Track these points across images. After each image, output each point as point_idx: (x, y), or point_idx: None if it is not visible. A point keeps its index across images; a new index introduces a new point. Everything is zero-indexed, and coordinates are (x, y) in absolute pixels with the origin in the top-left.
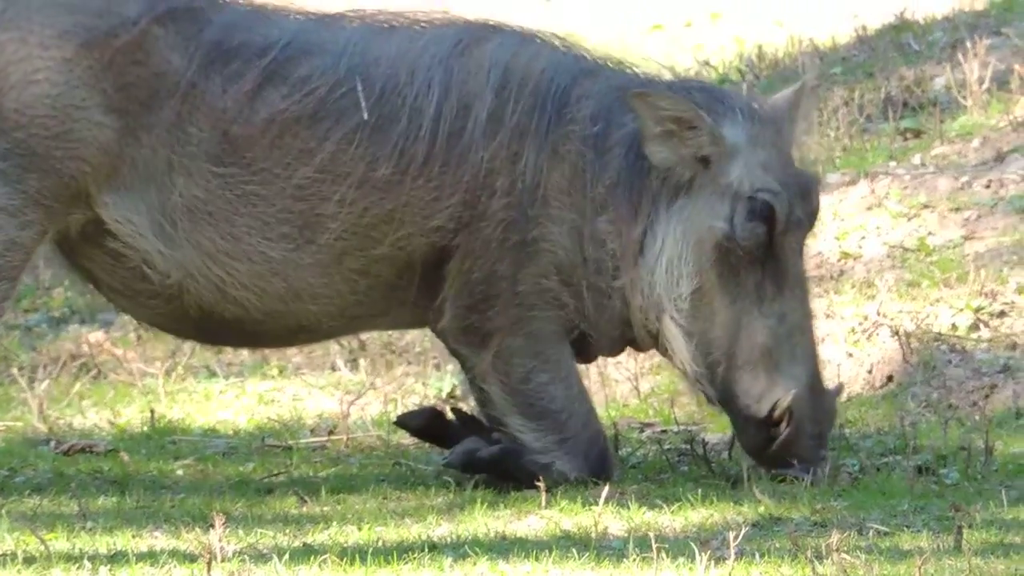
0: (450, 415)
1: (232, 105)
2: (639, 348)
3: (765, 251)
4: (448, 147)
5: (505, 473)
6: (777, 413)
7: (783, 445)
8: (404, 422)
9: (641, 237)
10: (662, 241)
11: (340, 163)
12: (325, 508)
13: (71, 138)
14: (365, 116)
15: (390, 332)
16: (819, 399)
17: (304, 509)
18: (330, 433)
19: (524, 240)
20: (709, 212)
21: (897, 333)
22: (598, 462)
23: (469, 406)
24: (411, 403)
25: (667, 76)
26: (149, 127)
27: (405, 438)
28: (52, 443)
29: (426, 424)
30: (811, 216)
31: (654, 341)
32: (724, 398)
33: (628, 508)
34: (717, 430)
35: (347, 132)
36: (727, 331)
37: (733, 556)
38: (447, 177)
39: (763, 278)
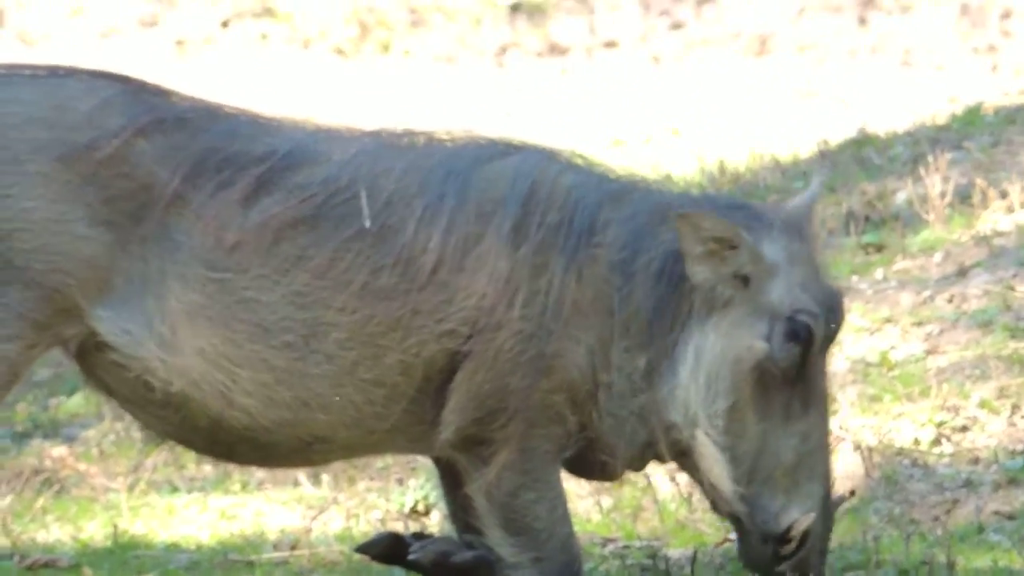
0: (408, 538)
1: (224, 211)
2: (661, 460)
3: (798, 371)
4: (464, 252)
5: None
6: (793, 532)
7: (797, 564)
8: (365, 549)
9: (651, 364)
10: (697, 358)
11: (340, 270)
12: None
13: (51, 251)
14: (367, 224)
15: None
16: (829, 516)
17: None
18: (293, 548)
19: (540, 354)
20: (748, 331)
21: (859, 447)
22: None
23: (429, 523)
24: (373, 518)
25: (694, 193)
26: (141, 239)
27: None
28: (16, 558)
29: (386, 549)
30: (837, 331)
31: (680, 456)
32: (741, 513)
33: None
34: (679, 545)
35: (347, 239)
36: (753, 447)
37: None
38: (462, 281)
39: (792, 397)
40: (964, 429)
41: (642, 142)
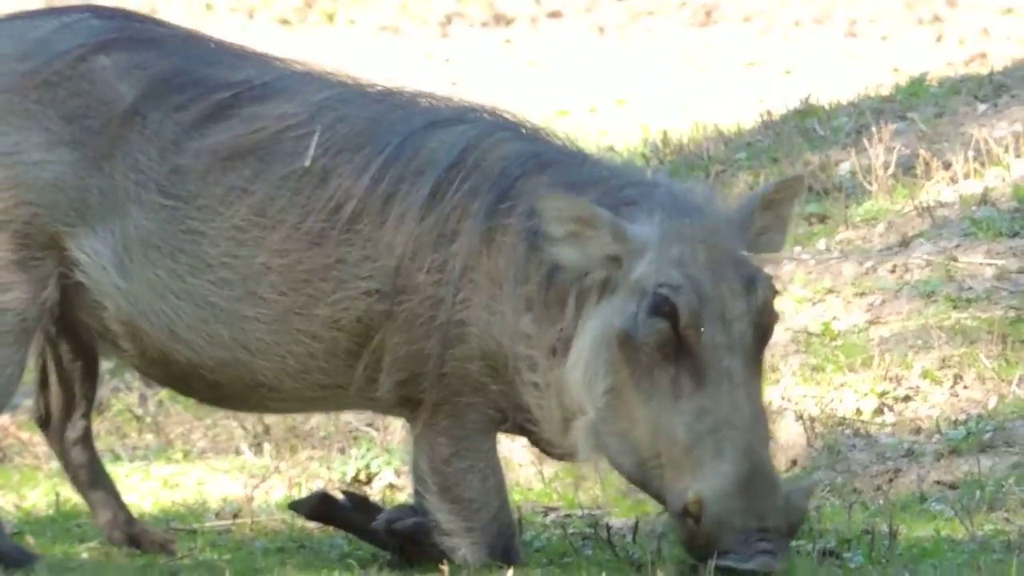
0: (340, 497)
1: (177, 134)
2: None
3: (675, 346)
4: (385, 207)
5: (417, 547)
6: (689, 508)
7: (702, 540)
8: (296, 507)
9: (560, 337)
10: (581, 342)
11: (276, 208)
12: None
13: (9, 186)
14: (307, 163)
15: (294, 416)
16: (757, 494)
17: None
18: (235, 517)
19: (453, 321)
20: (617, 311)
21: (801, 417)
22: (503, 556)
23: (371, 492)
24: (315, 487)
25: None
26: (108, 156)
27: (309, 522)
28: None
29: (317, 507)
30: (754, 311)
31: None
32: (659, 496)
33: None
34: (621, 514)
35: (285, 176)
36: (648, 430)
37: None
38: (384, 238)
39: (678, 374)
40: (906, 399)
41: (587, 112)
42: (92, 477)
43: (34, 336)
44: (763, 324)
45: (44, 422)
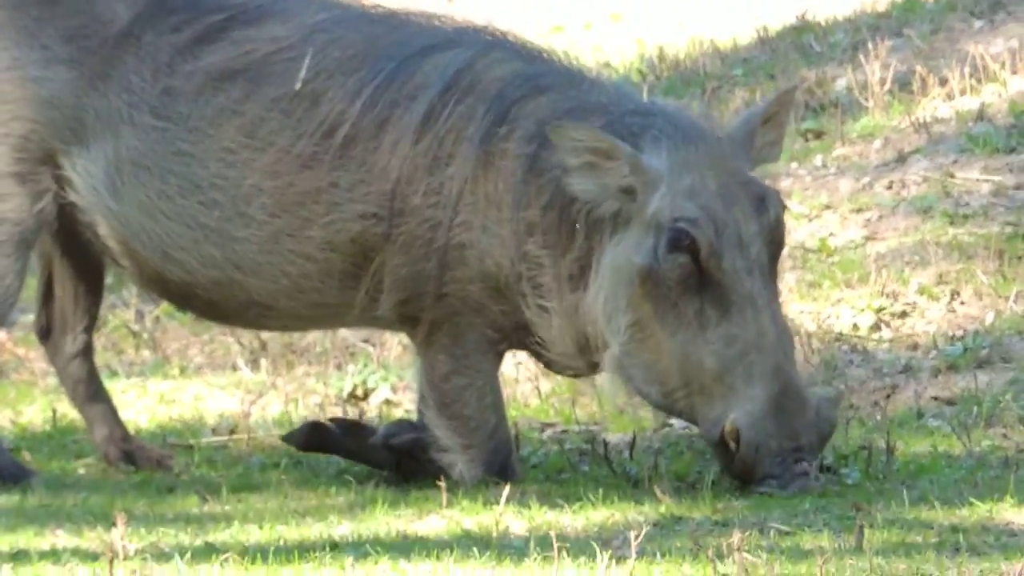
0: (330, 424)
1: (170, 55)
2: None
3: (697, 279)
4: (378, 131)
5: (414, 462)
6: (727, 436)
7: (741, 466)
8: (289, 439)
9: (576, 266)
10: (601, 275)
11: (267, 130)
12: (226, 507)
13: (8, 100)
14: (297, 86)
15: (291, 333)
16: (789, 413)
17: (206, 508)
18: (231, 433)
19: (451, 244)
20: (635, 246)
21: (798, 333)
22: (500, 473)
23: (367, 408)
24: (312, 403)
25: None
26: (104, 76)
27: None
28: None
29: (309, 437)
30: (767, 230)
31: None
32: (693, 424)
33: (529, 508)
34: (617, 430)
35: (277, 98)
36: (675, 361)
37: (634, 555)
38: (378, 162)
39: (703, 305)
40: (903, 315)
41: (581, 27)
42: (90, 392)
43: (32, 248)
44: (776, 241)
45: (45, 334)
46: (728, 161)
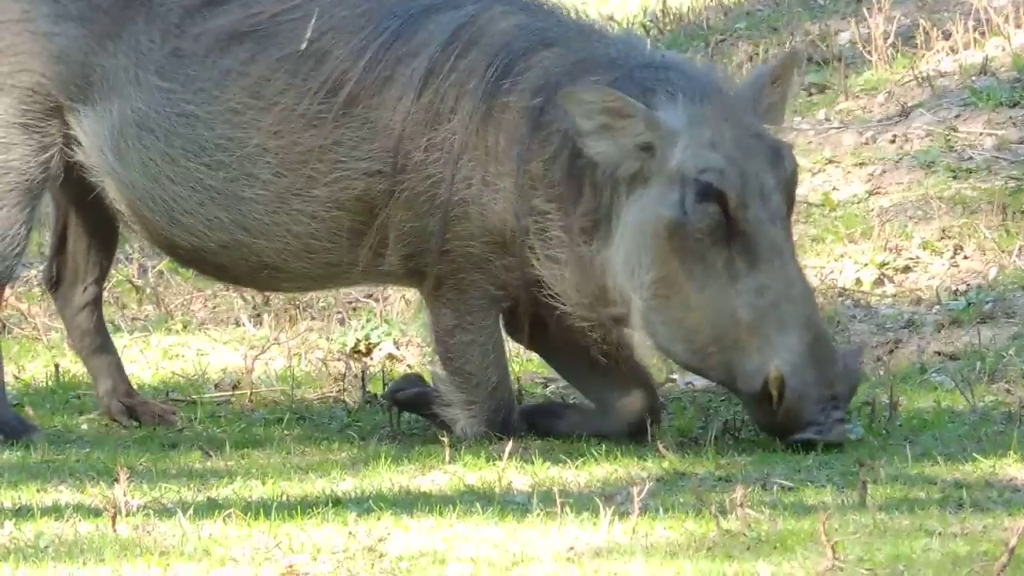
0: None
1: (179, 16)
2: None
3: (726, 229)
4: (382, 88)
5: (420, 415)
6: (772, 384)
7: (785, 416)
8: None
9: (587, 220)
10: (622, 233)
11: (272, 90)
12: (229, 463)
13: (16, 51)
14: (303, 46)
15: (305, 294)
16: (823, 362)
17: (208, 464)
18: (234, 388)
19: (455, 199)
20: (660, 200)
21: None
22: (502, 429)
23: (370, 363)
24: (315, 358)
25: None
26: (114, 35)
27: (309, 393)
28: None
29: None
30: (783, 183)
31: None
32: (726, 380)
33: (532, 463)
34: None
35: (281, 59)
36: (706, 315)
37: (637, 511)
38: (382, 119)
39: (732, 255)
40: (906, 270)
41: None
42: (97, 344)
43: (39, 199)
44: (791, 194)
45: (54, 284)
46: (741, 115)
